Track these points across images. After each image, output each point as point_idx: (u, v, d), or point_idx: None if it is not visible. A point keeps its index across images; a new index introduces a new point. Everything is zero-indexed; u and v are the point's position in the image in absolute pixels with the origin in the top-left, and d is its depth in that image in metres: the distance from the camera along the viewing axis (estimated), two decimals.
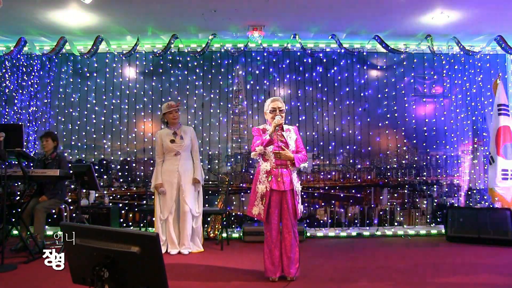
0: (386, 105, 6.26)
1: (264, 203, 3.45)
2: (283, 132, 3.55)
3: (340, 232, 5.92)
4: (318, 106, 6.21)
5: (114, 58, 6.19)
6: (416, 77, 6.31)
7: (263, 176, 3.50)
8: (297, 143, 3.62)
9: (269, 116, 3.57)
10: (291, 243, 3.48)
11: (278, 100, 3.58)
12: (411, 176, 6.20)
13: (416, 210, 6.16)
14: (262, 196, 3.47)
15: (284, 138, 3.53)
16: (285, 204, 3.47)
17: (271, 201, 3.47)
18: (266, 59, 6.24)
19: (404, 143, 6.25)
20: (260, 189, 3.48)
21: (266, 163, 3.50)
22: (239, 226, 5.96)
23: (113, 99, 6.19)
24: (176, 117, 4.74)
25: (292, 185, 3.47)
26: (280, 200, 3.48)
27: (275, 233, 3.51)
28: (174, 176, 4.65)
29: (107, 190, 6.04)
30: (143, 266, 1.57)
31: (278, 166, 3.48)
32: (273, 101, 3.58)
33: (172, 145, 4.68)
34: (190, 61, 6.22)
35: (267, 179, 3.46)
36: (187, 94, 6.20)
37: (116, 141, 6.16)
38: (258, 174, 3.56)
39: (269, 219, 3.49)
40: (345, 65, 6.29)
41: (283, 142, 3.50)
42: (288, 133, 3.58)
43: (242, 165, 6.26)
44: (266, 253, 3.55)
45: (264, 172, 3.50)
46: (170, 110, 4.70)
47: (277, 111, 3.51)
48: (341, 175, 6.19)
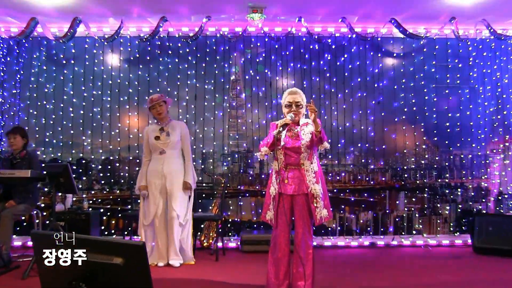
0: (403, 98, 6.23)
1: (274, 207, 3.45)
2: (297, 127, 3.48)
3: (351, 242, 5.89)
4: (326, 98, 6.19)
5: (95, 43, 6.13)
6: (438, 65, 6.28)
7: (274, 177, 3.49)
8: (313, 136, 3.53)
9: (285, 110, 3.51)
10: (300, 256, 3.42)
11: (296, 93, 3.48)
12: (432, 178, 6.18)
13: (437, 216, 6.13)
14: (273, 199, 3.47)
15: (298, 133, 3.45)
16: (296, 210, 3.44)
17: (279, 206, 3.44)
18: (267, 45, 6.21)
19: (424, 141, 6.23)
20: (271, 192, 3.49)
21: (275, 162, 3.46)
22: (237, 234, 5.94)
23: (93, 90, 6.15)
24: (160, 112, 4.70)
25: (305, 188, 3.40)
26: (290, 206, 3.44)
27: (282, 242, 3.46)
28: (158, 178, 4.64)
29: (86, 193, 6.01)
30: (127, 280, 1.56)
31: (288, 166, 3.43)
32: (290, 93, 3.50)
33: (156, 142, 4.66)
34: (181, 47, 6.18)
35: (277, 180, 3.44)
36: (178, 84, 6.17)
37: (97, 137, 6.12)
38: (271, 175, 3.55)
39: (277, 225, 3.46)
40: (356, 52, 6.26)
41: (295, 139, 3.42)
42: (304, 127, 3.49)
43: (240, 165, 6.24)
44: (270, 263, 3.51)
45: (275, 172, 3.48)
46: (153, 105, 4.68)
47: (293, 106, 3.45)
48: (352, 177, 6.17)
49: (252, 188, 6.16)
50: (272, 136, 3.32)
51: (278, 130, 3.30)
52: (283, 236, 3.46)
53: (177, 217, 4.59)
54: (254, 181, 6.21)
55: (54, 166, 4.75)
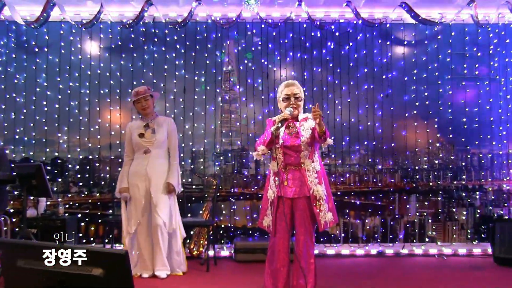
0: (415, 90, 6.25)
1: (272, 212, 3.45)
2: (296, 123, 3.48)
3: (357, 250, 5.90)
4: (328, 91, 6.20)
5: (71, 29, 6.09)
6: (454, 54, 6.29)
7: (272, 179, 3.51)
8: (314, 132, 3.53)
9: (282, 105, 3.52)
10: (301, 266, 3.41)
11: (294, 85, 3.52)
12: (447, 179, 6.21)
13: (453, 222, 6.15)
14: (271, 203, 3.48)
15: (297, 129, 3.45)
16: (297, 215, 3.44)
17: (278, 211, 3.44)
18: (264, 32, 6.19)
19: (438, 138, 6.25)
20: (269, 195, 3.50)
21: (273, 163, 3.48)
22: (230, 242, 5.95)
23: (70, 82, 6.12)
24: (146, 107, 4.69)
25: (307, 190, 3.40)
26: (290, 210, 3.44)
27: (281, 250, 3.45)
28: (141, 179, 4.62)
29: (62, 197, 5.99)
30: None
31: (288, 166, 3.43)
32: (288, 85, 3.53)
33: (140, 140, 4.64)
34: (168, 35, 6.17)
35: (275, 182, 3.45)
36: (164, 76, 6.16)
37: (75, 134, 6.10)
38: (269, 177, 3.57)
39: (275, 232, 3.46)
40: (363, 40, 6.27)
41: (294, 136, 3.43)
42: (304, 123, 3.50)
43: (234, 165, 6.25)
44: (267, 274, 3.51)
45: (273, 174, 3.51)
46: (138, 99, 4.65)
47: (292, 99, 3.46)
48: (357, 178, 6.19)
49: (247, 190, 6.16)
50: (270, 133, 3.31)
51: (277, 126, 3.29)
52: (282, 244, 3.46)
53: (163, 225, 4.57)
54: (249, 183, 6.21)
55: (25, 166, 4.72)
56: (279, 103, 3.59)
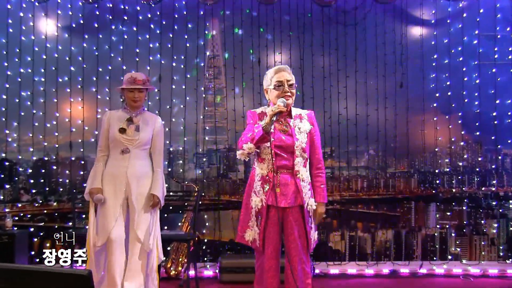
0: (435, 79, 6.28)
1: (260, 224, 3.42)
2: (289, 119, 3.49)
3: (365, 269, 5.92)
4: (331, 80, 6.20)
5: (21, 4, 6.08)
6: (483, 36, 6.31)
7: (258, 184, 3.47)
8: (311, 138, 3.54)
9: (273, 94, 3.50)
10: None
11: (285, 71, 3.52)
12: (473, 185, 6.24)
13: (481, 237, 6.17)
14: (258, 213, 3.44)
15: (290, 128, 3.47)
16: (289, 228, 3.43)
17: (268, 223, 3.43)
18: (255, 9, 6.20)
19: (462, 136, 6.29)
20: (254, 204, 3.45)
21: (261, 165, 3.46)
22: (214, 259, 5.94)
23: (21, 68, 6.11)
24: (138, 99, 4.61)
25: (301, 199, 3.43)
26: (281, 222, 3.44)
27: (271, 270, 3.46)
28: (120, 183, 4.55)
29: (10, 207, 5.98)
30: None
31: (279, 169, 3.43)
32: (278, 71, 3.51)
33: (119, 137, 4.57)
34: (140, 12, 6.19)
35: (263, 188, 3.43)
36: (136, 61, 6.16)
37: (27, 131, 6.09)
38: (252, 181, 3.53)
39: (264, 249, 3.45)
40: (373, 19, 6.28)
41: (287, 134, 3.45)
42: (298, 121, 3.52)
43: (219, 168, 6.26)
44: None
45: (260, 178, 3.47)
46: (131, 88, 4.59)
47: (286, 86, 3.46)
48: (366, 184, 6.23)
49: (234, 198, 6.18)
50: (260, 129, 3.30)
51: (271, 121, 3.27)
52: (273, 263, 3.46)
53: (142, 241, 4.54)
54: (238, 189, 6.23)
55: None
56: (267, 93, 3.58)
